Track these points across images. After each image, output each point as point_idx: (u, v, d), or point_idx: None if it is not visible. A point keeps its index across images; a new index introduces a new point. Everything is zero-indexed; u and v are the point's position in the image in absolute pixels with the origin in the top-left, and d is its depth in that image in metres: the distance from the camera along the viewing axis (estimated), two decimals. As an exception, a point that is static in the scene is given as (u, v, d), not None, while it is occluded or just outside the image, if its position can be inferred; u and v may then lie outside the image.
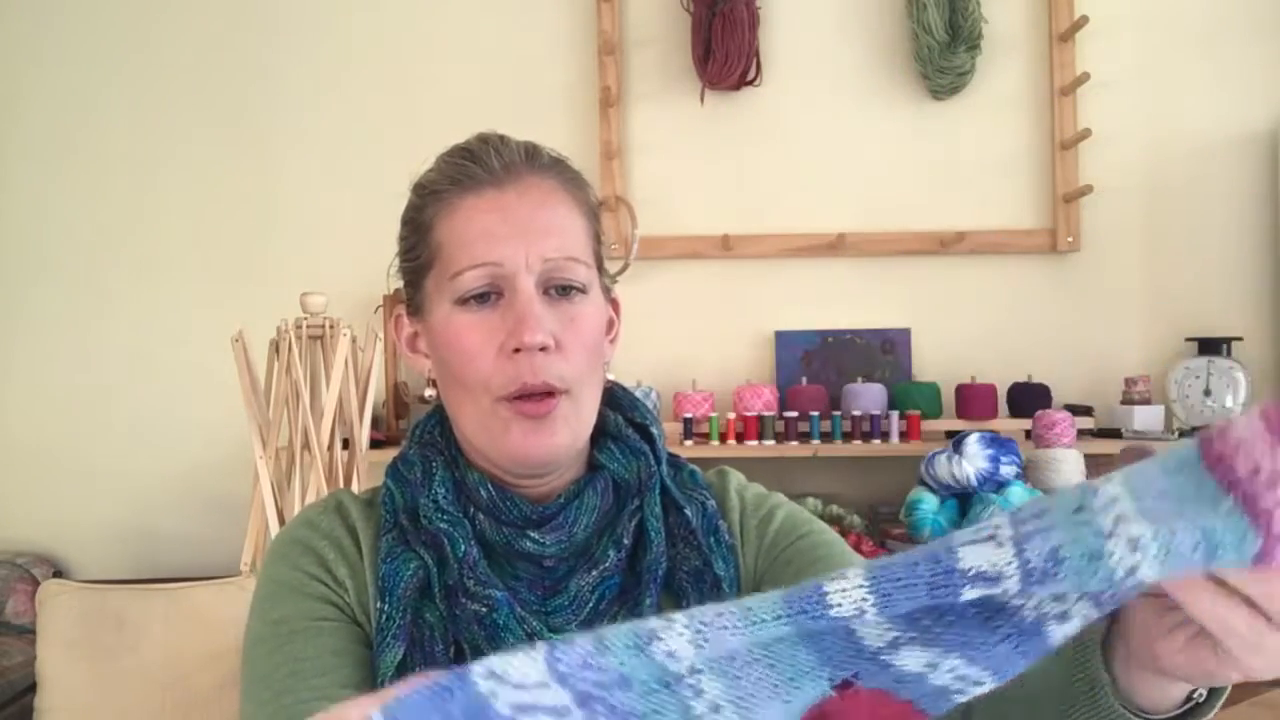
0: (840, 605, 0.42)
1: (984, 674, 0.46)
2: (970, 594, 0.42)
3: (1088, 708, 0.58)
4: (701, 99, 2.58)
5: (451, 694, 0.41)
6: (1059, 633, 0.45)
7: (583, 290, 0.80)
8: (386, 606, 0.77)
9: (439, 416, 0.87)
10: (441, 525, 0.79)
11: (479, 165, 0.80)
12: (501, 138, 0.83)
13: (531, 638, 0.77)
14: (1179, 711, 0.57)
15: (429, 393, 0.86)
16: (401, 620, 0.76)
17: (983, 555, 0.42)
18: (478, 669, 0.42)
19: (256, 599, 0.81)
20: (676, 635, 0.42)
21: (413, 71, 2.66)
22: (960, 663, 0.45)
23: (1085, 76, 2.47)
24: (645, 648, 0.42)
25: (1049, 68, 2.57)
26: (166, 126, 2.69)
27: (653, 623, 0.43)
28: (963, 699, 0.46)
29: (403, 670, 0.75)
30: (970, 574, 0.42)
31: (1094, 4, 2.52)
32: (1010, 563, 0.42)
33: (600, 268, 0.86)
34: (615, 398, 0.90)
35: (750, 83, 2.57)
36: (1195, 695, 0.57)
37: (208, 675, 1.94)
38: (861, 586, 0.42)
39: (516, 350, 0.76)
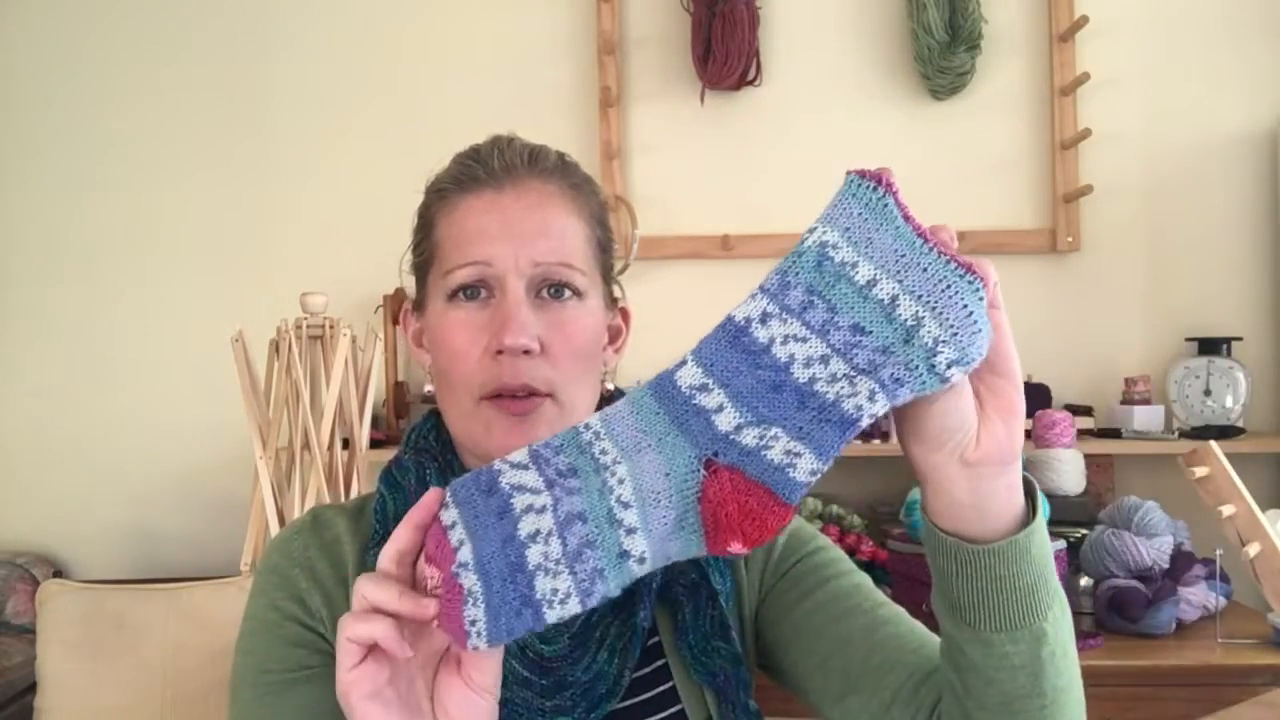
0: (673, 364, 0.62)
1: (805, 449, 0.57)
2: (755, 333, 0.60)
3: (937, 555, 0.65)
4: (701, 99, 2.58)
5: (482, 471, 0.61)
6: (850, 405, 0.57)
7: (577, 295, 0.80)
8: None
9: (434, 420, 0.87)
10: None
11: (481, 166, 0.80)
12: (510, 140, 0.83)
13: (522, 651, 0.77)
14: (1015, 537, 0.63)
15: (428, 388, 0.86)
16: None
17: (749, 309, 0.61)
18: (496, 459, 0.62)
19: (240, 635, 0.82)
20: (596, 415, 0.62)
21: (413, 71, 2.66)
22: (782, 434, 0.58)
23: (1085, 76, 2.47)
24: (578, 429, 0.61)
25: (1049, 68, 2.57)
26: (167, 127, 2.68)
27: (580, 427, 0.62)
28: (796, 477, 0.57)
29: None
30: (738, 323, 0.61)
31: (1094, 4, 2.52)
32: (767, 302, 0.60)
33: (606, 277, 0.85)
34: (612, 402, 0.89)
35: (750, 83, 2.57)
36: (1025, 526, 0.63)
37: (208, 675, 1.94)
38: (686, 355, 0.62)
39: (499, 352, 0.76)
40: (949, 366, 0.57)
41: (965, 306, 0.57)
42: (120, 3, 2.69)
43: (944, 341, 0.56)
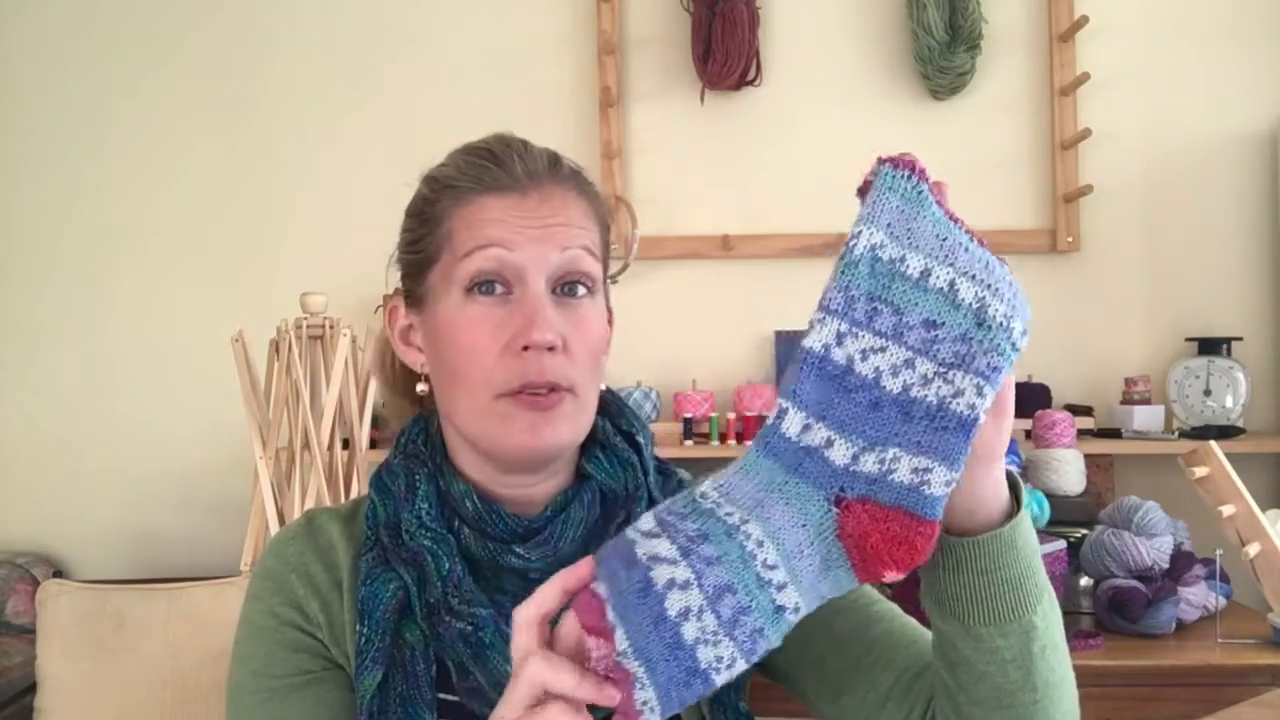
0: (770, 417, 0.60)
1: (933, 463, 0.57)
2: (835, 357, 0.58)
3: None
4: (701, 99, 2.58)
5: (619, 543, 0.59)
6: (962, 406, 0.56)
7: (590, 291, 0.80)
8: (365, 629, 0.77)
9: (423, 424, 0.87)
10: (425, 543, 0.79)
11: (503, 169, 0.80)
12: (525, 143, 0.83)
13: None
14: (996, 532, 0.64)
15: (421, 388, 0.86)
16: (381, 643, 0.76)
17: (823, 334, 0.58)
18: (626, 530, 0.60)
19: (237, 640, 0.82)
20: (708, 484, 0.60)
21: (413, 71, 2.66)
22: (902, 454, 0.57)
23: (1085, 76, 2.47)
24: (695, 498, 0.60)
25: (1049, 68, 2.57)
26: (167, 127, 2.69)
27: (694, 489, 0.61)
28: (932, 492, 0.57)
29: (383, 692, 0.76)
30: (818, 352, 0.58)
31: (1094, 4, 2.52)
32: (839, 323, 0.58)
33: (604, 279, 0.86)
34: (604, 403, 0.89)
35: (750, 83, 2.57)
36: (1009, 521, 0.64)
37: (207, 675, 1.94)
38: (778, 401, 0.60)
39: (525, 348, 0.76)
40: (1022, 336, 0.57)
41: (1008, 279, 0.57)
42: (118, 3, 2.69)
43: (1011, 316, 0.56)
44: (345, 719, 0.78)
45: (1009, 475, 0.65)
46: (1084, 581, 1.90)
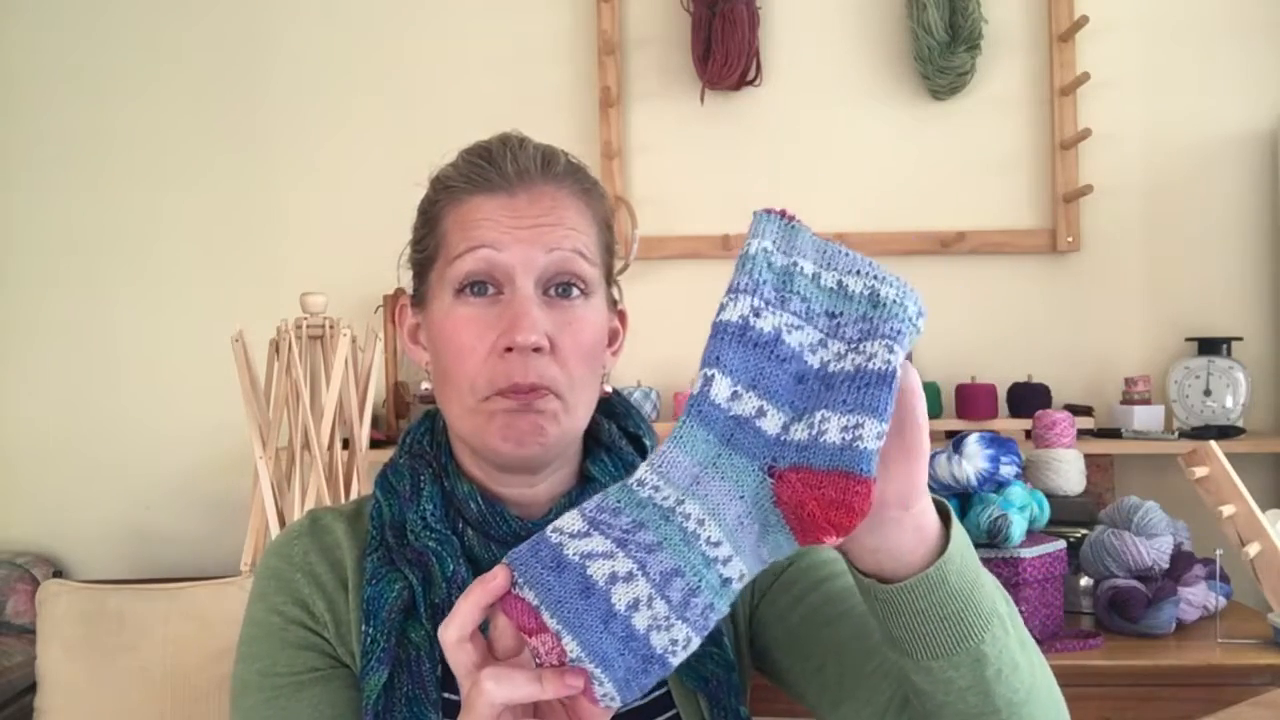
0: (695, 386, 0.60)
1: (861, 417, 0.57)
2: (760, 326, 0.59)
3: (863, 594, 0.66)
4: (701, 99, 2.58)
5: (539, 546, 0.57)
6: (878, 364, 0.58)
7: (584, 293, 0.79)
8: (371, 630, 0.77)
9: (429, 424, 0.87)
10: (430, 544, 0.79)
11: (494, 168, 0.80)
12: (521, 141, 0.82)
13: None
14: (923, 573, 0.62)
15: (425, 385, 0.86)
16: (386, 643, 0.76)
17: (737, 309, 0.59)
18: (546, 529, 0.58)
19: (241, 640, 0.82)
20: (644, 468, 0.60)
21: (413, 72, 2.66)
22: (830, 414, 0.58)
23: (1085, 76, 2.47)
24: (630, 487, 0.59)
25: (1049, 68, 2.57)
26: (169, 128, 2.69)
27: (628, 478, 0.60)
28: (865, 446, 0.56)
29: (389, 692, 0.76)
30: (736, 323, 0.59)
31: (1094, 4, 2.52)
32: (751, 299, 0.59)
33: (609, 279, 0.85)
34: (611, 405, 0.89)
35: (750, 83, 2.57)
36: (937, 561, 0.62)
37: (208, 675, 1.94)
38: (702, 372, 0.60)
39: (509, 349, 0.76)
40: (918, 316, 0.60)
41: (893, 275, 0.61)
42: (119, 4, 2.69)
43: (902, 297, 0.60)
44: (351, 718, 0.78)
45: (940, 504, 0.64)
46: (1084, 581, 1.90)
